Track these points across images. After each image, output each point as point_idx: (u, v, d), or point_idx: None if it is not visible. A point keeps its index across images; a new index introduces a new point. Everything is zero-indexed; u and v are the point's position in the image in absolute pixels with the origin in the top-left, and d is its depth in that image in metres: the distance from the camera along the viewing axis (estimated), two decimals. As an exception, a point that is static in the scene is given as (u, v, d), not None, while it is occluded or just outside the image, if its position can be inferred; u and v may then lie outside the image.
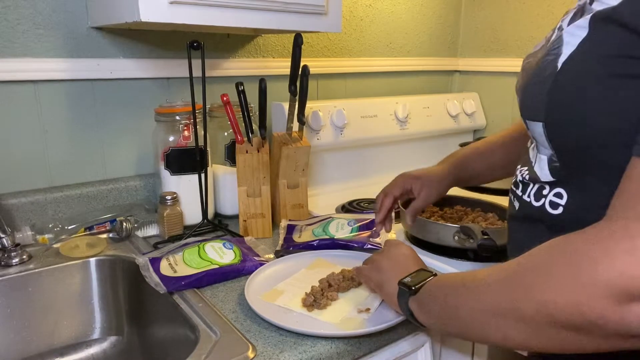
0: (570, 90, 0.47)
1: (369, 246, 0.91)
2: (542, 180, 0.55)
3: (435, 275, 0.60)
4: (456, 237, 0.84)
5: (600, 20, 0.46)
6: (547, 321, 0.41)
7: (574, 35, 0.48)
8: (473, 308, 0.49)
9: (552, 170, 0.52)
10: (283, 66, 1.25)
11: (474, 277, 0.52)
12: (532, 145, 0.59)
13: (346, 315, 0.67)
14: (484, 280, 0.49)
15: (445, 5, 1.61)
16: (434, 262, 0.86)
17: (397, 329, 0.68)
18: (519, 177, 0.60)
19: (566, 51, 0.48)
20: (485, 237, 0.78)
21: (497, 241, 0.77)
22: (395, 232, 0.97)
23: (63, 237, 0.94)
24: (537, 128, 0.51)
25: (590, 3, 0.48)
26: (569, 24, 0.51)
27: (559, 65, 0.48)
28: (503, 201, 0.90)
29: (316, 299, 0.69)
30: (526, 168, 0.59)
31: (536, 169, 0.56)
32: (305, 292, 0.71)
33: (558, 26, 0.55)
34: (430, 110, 1.46)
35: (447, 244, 0.86)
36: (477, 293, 0.49)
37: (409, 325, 0.70)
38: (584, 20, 0.48)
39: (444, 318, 0.54)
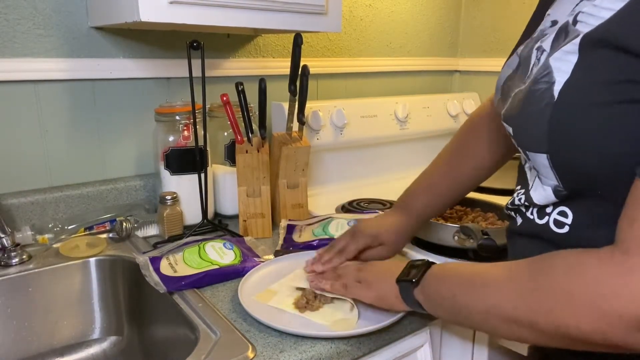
0: (573, 119, 0.45)
1: (369, 246, 0.91)
2: (539, 204, 0.54)
3: (428, 262, 0.62)
4: (456, 237, 0.84)
5: (591, 44, 0.44)
6: (566, 336, 0.44)
7: (564, 61, 0.46)
8: (484, 312, 0.51)
9: (558, 196, 0.51)
10: (283, 66, 1.25)
11: (483, 279, 0.52)
12: (528, 164, 0.57)
13: (339, 316, 0.67)
14: (496, 286, 0.50)
15: (445, 5, 1.61)
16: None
17: (397, 329, 0.68)
18: (516, 201, 0.59)
19: (560, 79, 0.46)
20: (485, 237, 0.79)
21: (497, 241, 0.78)
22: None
23: (63, 237, 0.94)
24: (540, 159, 0.49)
25: (574, 24, 0.46)
26: (552, 47, 0.49)
27: (556, 94, 0.46)
28: (503, 201, 0.90)
29: (309, 301, 0.69)
30: (523, 191, 0.57)
31: (533, 195, 0.54)
32: (298, 295, 0.71)
33: (536, 46, 0.52)
34: (430, 110, 1.46)
35: (447, 244, 0.86)
36: (490, 298, 0.50)
37: (408, 325, 0.70)
38: (572, 45, 0.45)
39: (453, 314, 0.56)
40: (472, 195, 1.12)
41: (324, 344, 0.62)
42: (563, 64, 0.46)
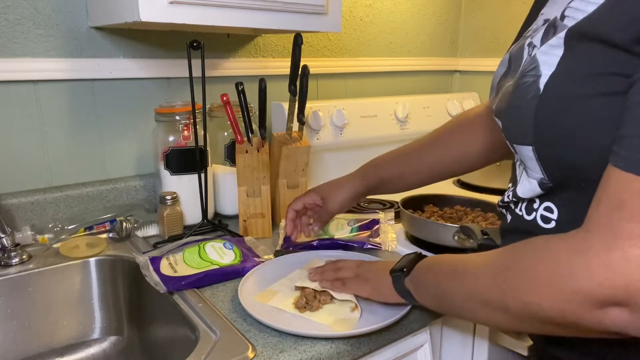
0: (557, 112, 0.46)
1: (369, 246, 0.91)
2: (525, 198, 0.54)
3: (419, 254, 0.66)
4: (456, 237, 0.84)
5: (576, 37, 0.44)
6: (533, 317, 0.45)
7: (550, 55, 0.47)
8: (464, 296, 0.53)
9: (543, 188, 0.52)
10: (283, 66, 1.25)
11: (465, 265, 0.54)
12: (519, 162, 0.58)
13: (339, 316, 0.67)
14: (474, 270, 0.52)
15: (445, 5, 1.61)
16: (434, 262, 0.86)
17: (397, 329, 0.68)
18: (506, 198, 0.60)
19: (546, 72, 0.47)
20: (485, 237, 0.78)
21: (497, 241, 0.77)
22: (396, 232, 0.97)
23: (63, 237, 0.94)
24: (526, 152, 0.50)
25: (562, 19, 0.47)
26: (541, 42, 0.49)
27: (542, 87, 0.47)
28: (503, 201, 0.90)
29: (308, 302, 0.69)
30: (512, 188, 0.58)
31: (519, 190, 0.55)
32: (298, 295, 0.71)
33: (527, 42, 0.53)
34: (430, 110, 1.46)
35: (447, 244, 0.86)
36: (468, 282, 0.52)
37: (408, 325, 0.70)
38: (558, 39, 0.46)
39: (438, 300, 0.59)
40: (472, 195, 1.12)
41: (324, 344, 0.62)
42: (549, 58, 0.47)
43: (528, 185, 0.53)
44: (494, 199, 1.03)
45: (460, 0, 1.65)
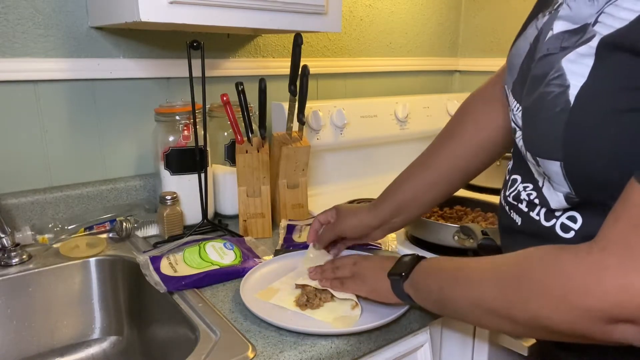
0: (591, 126, 0.43)
1: (369, 246, 0.91)
2: (554, 207, 0.51)
3: (417, 257, 0.65)
4: (456, 237, 0.84)
5: (610, 48, 0.41)
6: (540, 327, 0.45)
7: (579, 64, 0.43)
8: (469, 304, 0.52)
9: (569, 202, 0.49)
10: (283, 66, 1.25)
11: (469, 271, 0.54)
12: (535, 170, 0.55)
13: (340, 314, 0.67)
14: (479, 278, 0.52)
15: (445, 5, 1.61)
16: (434, 262, 0.86)
17: (397, 329, 0.68)
18: (523, 195, 0.56)
19: (575, 82, 0.43)
20: (485, 237, 0.78)
21: (497, 241, 0.77)
22: (396, 232, 0.97)
23: (63, 237, 0.94)
24: (553, 167, 0.47)
25: (594, 24, 0.43)
26: (564, 48, 0.46)
27: (572, 99, 0.43)
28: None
29: (309, 299, 0.69)
30: (531, 187, 0.55)
31: (546, 194, 0.52)
32: (299, 292, 0.72)
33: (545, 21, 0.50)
34: (430, 110, 1.46)
35: (447, 244, 0.86)
36: (473, 290, 0.52)
37: (408, 325, 0.70)
38: (589, 48, 0.43)
39: (440, 306, 0.58)
40: (472, 195, 1.12)
41: (324, 344, 0.62)
42: (578, 67, 0.44)
43: (556, 197, 0.50)
44: (494, 199, 1.02)
45: (460, 1, 1.65)
